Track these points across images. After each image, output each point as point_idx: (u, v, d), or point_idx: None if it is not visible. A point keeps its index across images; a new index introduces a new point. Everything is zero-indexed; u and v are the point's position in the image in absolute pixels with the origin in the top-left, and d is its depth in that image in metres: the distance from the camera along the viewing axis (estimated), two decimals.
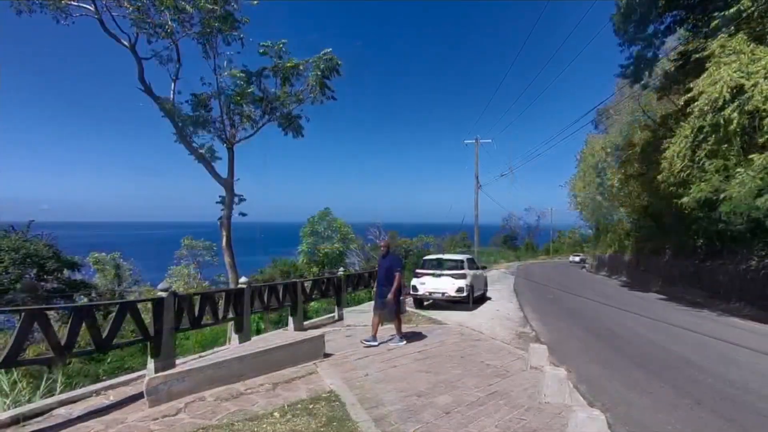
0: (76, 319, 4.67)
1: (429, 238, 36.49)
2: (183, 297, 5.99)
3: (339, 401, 4.68)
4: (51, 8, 8.01)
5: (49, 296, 14.94)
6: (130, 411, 4.46)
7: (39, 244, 15.15)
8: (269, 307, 8.45)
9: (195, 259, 26.28)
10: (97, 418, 4.29)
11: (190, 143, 9.86)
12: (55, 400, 4.80)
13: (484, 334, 9.09)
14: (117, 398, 4.90)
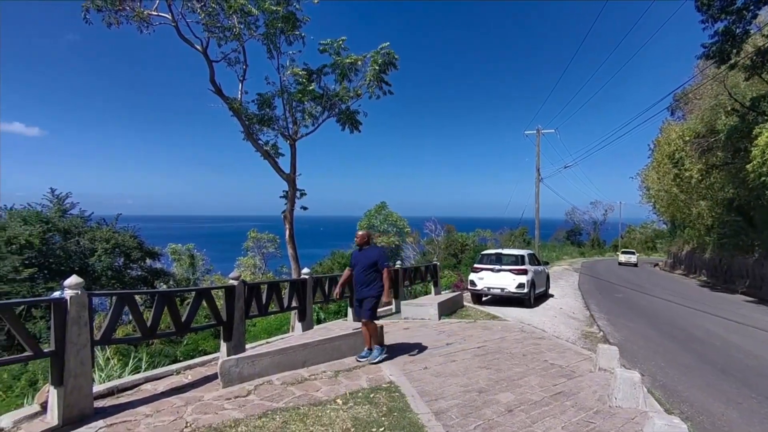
0: (159, 304, 5.09)
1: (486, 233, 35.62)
2: (252, 286, 6.33)
3: (399, 392, 4.73)
4: (135, 19, 8.74)
5: (134, 282, 16.49)
6: (206, 390, 4.80)
7: (125, 235, 16.70)
8: (330, 298, 8.71)
9: (260, 250, 27.72)
10: (178, 394, 4.67)
11: (256, 140, 10.35)
12: (142, 377, 5.28)
13: (546, 332, 8.75)
14: (194, 378, 5.30)
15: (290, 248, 10.78)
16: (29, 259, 13.98)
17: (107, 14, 8.74)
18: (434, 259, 15.45)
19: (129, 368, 6.59)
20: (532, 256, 13.48)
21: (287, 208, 10.70)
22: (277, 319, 11.21)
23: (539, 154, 26.96)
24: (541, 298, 13.34)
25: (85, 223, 16.51)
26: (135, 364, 6.77)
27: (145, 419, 3.95)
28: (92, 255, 15.43)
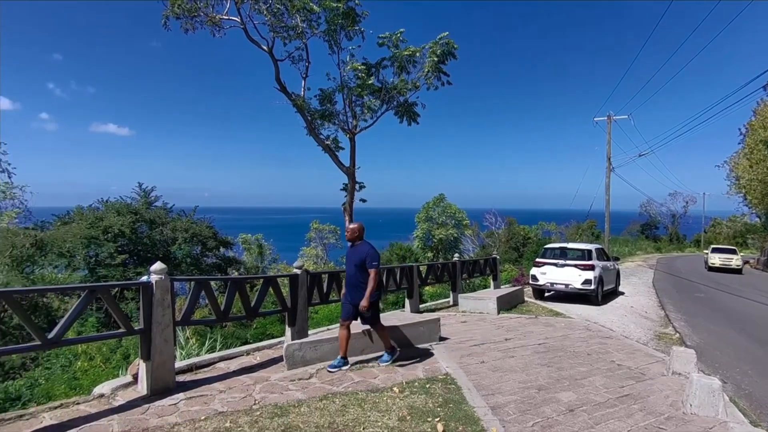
0: (232, 290, 5.51)
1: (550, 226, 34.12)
2: (314, 275, 6.63)
3: (455, 384, 4.75)
4: (208, 24, 9.39)
5: (209, 269, 17.85)
6: (272, 371, 5.14)
7: (202, 225, 18.07)
8: (387, 289, 8.87)
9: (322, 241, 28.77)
10: (247, 374, 5.05)
11: (318, 135, 10.74)
12: (216, 356, 5.76)
13: (614, 331, 8.29)
14: (262, 359, 5.69)
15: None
16: (121, 247, 15.62)
17: (184, 21, 9.45)
18: (494, 253, 15.12)
19: (205, 348, 7.20)
20: (601, 250, 12.75)
21: (347, 201, 11.01)
22: (337, 307, 11.60)
23: (610, 142, 25.19)
24: (609, 296, 12.60)
25: (168, 215, 18.07)
26: (210, 344, 7.38)
27: (219, 395, 4.33)
28: (173, 243, 16.90)
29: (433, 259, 23.75)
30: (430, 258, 23.96)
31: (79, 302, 4.11)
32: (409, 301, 9.19)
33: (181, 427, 3.57)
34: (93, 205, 17.23)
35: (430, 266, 10.78)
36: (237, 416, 3.80)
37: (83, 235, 14.89)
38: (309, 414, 3.87)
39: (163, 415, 3.84)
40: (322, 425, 3.63)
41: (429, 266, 10.77)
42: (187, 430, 3.53)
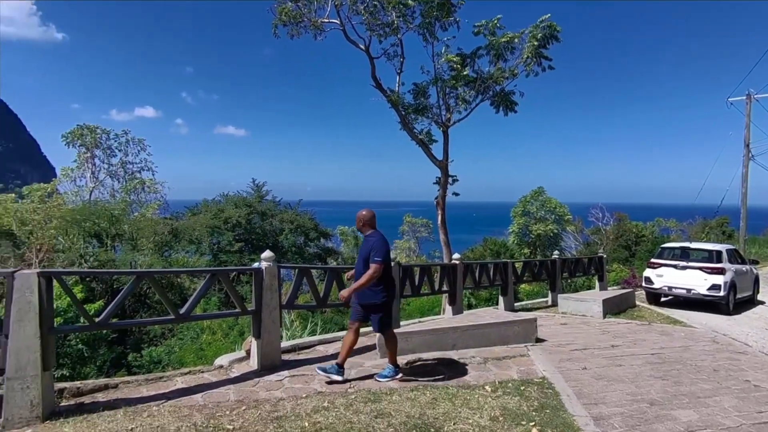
0: (330, 278, 5.87)
1: (670, 223, 30.24)
2: (406, 267, 6.77)
3: (552, 389, 4.51)
4: (311, 28, 10.00)
5: (311, 258, 19.18)
6: (366, 358, 5.37)
7: (305, 217, 19.48)
8: (480, 285, 8.70)
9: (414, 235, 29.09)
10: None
11: (412, 129, 10.83)
12: (317, 339, 6.20)
13: (750, 346, 7.12)
14: (357, 345, 5.95)
15: (442, 233, 11.05)
16: (238, 235, 17.51)
17: (290, 27, 10.15)
18: (600, 251, 13.88)
19: (307, 331, 7.78)
20: (733, 252, 11.00)
21: (440, 194, 10.96)
22: (428, 300, 11.68)
23: (749, 126, 21.36)
24: (744, 305, 10.81)
25: (276, 207, 19.79)
26: (312, 327, 7.95)
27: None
28: (281, 234, 18.46)
29: (529, 256, 22.58)
30: (526, 255, 22.82)
31: (204, 284, 4.72)
32: (503, 299, 8.90)
33: (285, 402, 3.92)
34: (216, 199, 19.58)
35: (527, 263, 10.31)
36: (334, 397, 4.06)
37: (208, 224, 17.00)
38: (400, 403, 3.98)
39: (271, 389, 4.25)
40: (413, 415, 3.72)
41: (525, 263, 10.31)
42: (290, 405, 3.87)
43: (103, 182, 25.27)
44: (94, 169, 25.34)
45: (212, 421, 3.48)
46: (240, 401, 3.93)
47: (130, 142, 26.28)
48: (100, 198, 22.83)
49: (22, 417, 3.35)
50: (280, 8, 9.70)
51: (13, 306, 3.41)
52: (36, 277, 3.48)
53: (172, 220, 17.95)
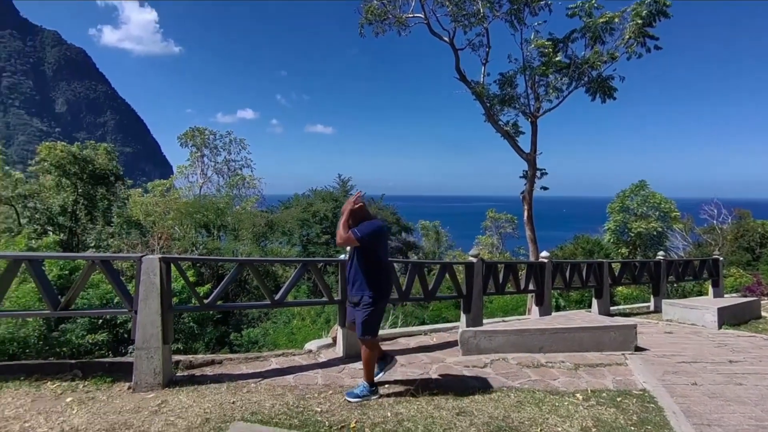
0: (411, 272, 5.92)
1: None
2: (490, 264, 6.58)
3: (655, 404, 4.09)
4: (395, 25, 10.11)
5: (393, 252, 19.56)
6: (447, 354, 5.34)
7: (388, 212, 19.94)
8: (570, 285, 8.16)
9: (498, 230, 28.14)
10: (424, 353, 5.38)
11: (497, 121, 10.45)
12: (398, 331, 6.31)
13: None
14: (438, 341, 5.97)
15: (528, 230, 10.55)
16: (325, 228, 18.43)
17: (375, 25, 10.35)
18: (715, 253, 12.21)
19: (389, 322, 7.97)
20: None
21: (526, 189, 10.46)
22: (513, 299, 11.26)
23: None
24: None
25: None
26: (393, 320, 8.12)
27: (400, 368, 4.74)
28: None
29: (628, 256, 20.60)
30: (624, 255, 20.84)
31: (295, 273, 5.05)
32: (597, 302, 8.26)
33: None
34: (305, 193, 20.80)
35: (625, 264, 9.44)
36: (416, 391, 4.10)
37: (298, 217, 18.16)
38: (483, 402, 3.90)
39: (355, 377, 4.42)
40: (496, 417, 3.62)
41: (624, 264, 9.45)
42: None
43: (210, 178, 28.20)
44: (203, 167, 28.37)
45: (302, 402, 3.72)
46: (327, 386, 4.15)
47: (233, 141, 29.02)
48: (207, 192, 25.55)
49: (147, 382, 3.89)
50: (366, 7, 9.93)
51: (141, 286, 3.96)
52: (158, 262, 4.00)
53: (267, 213, 19.50)
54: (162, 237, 13.69)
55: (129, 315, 4.25)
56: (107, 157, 16.97)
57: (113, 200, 16.44)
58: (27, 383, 3.91)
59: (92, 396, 3.71)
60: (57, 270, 7.08)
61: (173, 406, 3.56)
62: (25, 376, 4.02)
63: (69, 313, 4.34)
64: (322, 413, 3.53)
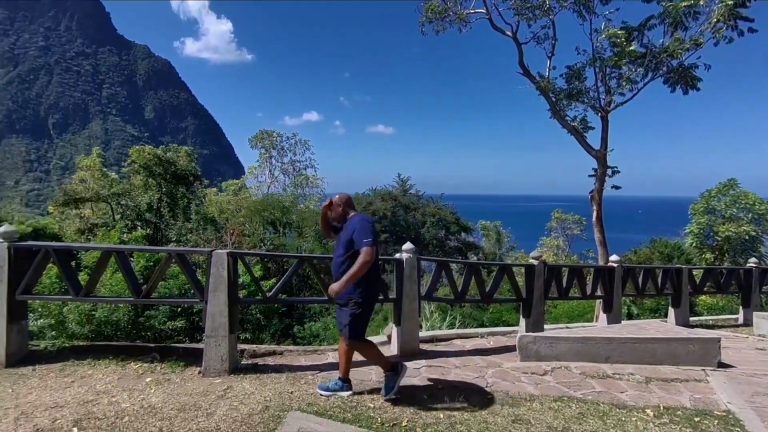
0: (469, 273, 5.82)
1: None
2: (552, 267, 6.29)
3: (741, 428, 3.69)
4: (456, 22, 9.97)
5: (452, 252, 19.31)
6: (505, 358, 5.19)
7: (446, 211, 19.71)
8: (644, 292, 7.56)
9: (564, 232, 26.69)
10: (481, 356, 5.26)
11: (563, 117, 9.93)
12: (454, 333, 6.23)
13: None
14: (495, 344, 5.81)
15: (597, 232, 9.91)
16: (384, 227, 18.65)
17: (436, 23, 10.28)
18: None
19: (445, 323, 7.89)
20: None
21: (595, 188, 9.84)
22: (578, 305, 10.65)
23: None
24: None
25: (419, 200, 20.47)
26: (450, 320, 8.03)
27: (454, 369, 4.69)
28: (423, 226, 19.03)
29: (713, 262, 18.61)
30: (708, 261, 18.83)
31: None
32: (675, 311, 7.59)
33: (422, 391, 4.06)
34: (365, 192, 21.18)
35: (709, 270, 8.58)
36: (469, 394, 4.03)
37: None
38: (541, 411, 3.75)
39: (409, 375, 4.43)
40: (555, 427, 3.47)
41: (707, 270, 8.59)
42: (426, 394, 3.98)
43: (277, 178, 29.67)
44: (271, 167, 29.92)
45: (356, 397, 3.81)
46: (380, 382, 4.21)
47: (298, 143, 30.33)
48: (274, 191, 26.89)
49: (215, 368, 4.20)
50: (427, 5, 9.89)
51: (211, 278, 4.28)
52: (226, 256, 4.30)
53: None
54: (234, 233, 14.66)
55: (201, 305, 4.61)
56: (187, 159, 18.44)
57: (192, 198, 17.84)
58: (115, 362, 4.38)
59: (168, 378, 4.08)
60: (143, 261, 7.84)
61: (237, 392, 3.80)
62: (114, 356, 4.51)
63: (149, 300, 4.79)
64: (375, 409, 3.59)
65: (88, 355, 4.53)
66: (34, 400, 3.48)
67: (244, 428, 3.15)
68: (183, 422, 3.19)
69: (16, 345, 4.33)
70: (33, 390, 3.69)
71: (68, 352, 4.60)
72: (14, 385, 3.78)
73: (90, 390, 3.72)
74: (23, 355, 4.40)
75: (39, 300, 4.78)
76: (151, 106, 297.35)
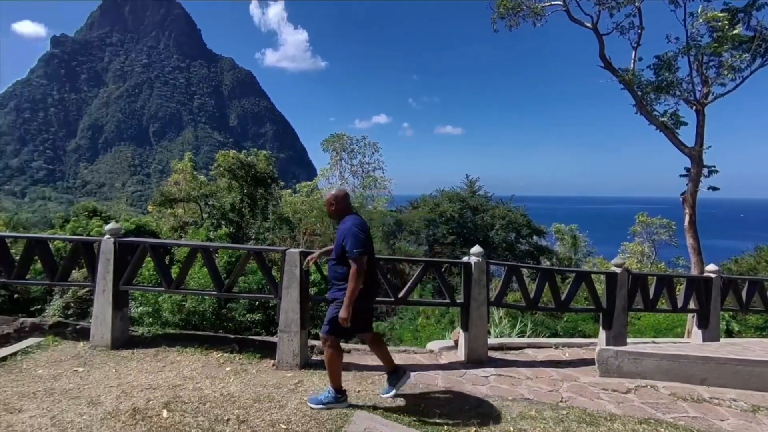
0: (542, 279, 5.52)
1: None
2: (637, 276, 5.77)
3: None
4: (530, 16, 9.55)
5: (523, 256, 18.51)
6: (582, 373, 4.85)
7: (517, 213, 18.93)
8: (748, 307, 6.67)
9: (650, 237, 24.31)
10: (554, 368, 4.97)
11: (651, 112, 9.07)
12: (525, 342, 5.95)
13: None
14: (571, 356, 5.46)
15: (690, 237, 8.91)
16: (451, 229, 18.38)
17: (508, 19, 9.92)
18: None
19: (516, 331, 7.57)
20: None
21: (688, 189, 8.87)
22: (667, 318, 9.65)
23: None
24: None
25: (488, 202, 19.89)
26: (521, 328, 7.69)
27: (526, 380, 4.47)
28: (491, 229, 18.46)
29: None
30: None
31: (418, 273, 5.14)
32: None
33: (491, 400, 3.92)
34: (432, 194, 21.02)
35: None
36: (542, 408, 3.82)
37: (425, 217, 18.45)
38: None
39: (476, 383, 4.32)
40: None
41: None
42: (495, 404, 3.84)
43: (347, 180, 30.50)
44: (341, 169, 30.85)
45: (422, 402, 3.78)
46: (447, 389, 4.14)
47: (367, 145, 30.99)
48: None
49: (288, 362, 4.40)
50: (500, 1, 9.59)
51: (284, 276, 4.49)
52: (298, 255, 4.49)
53: (396, 213, 20.25)
54: (306, 233, 15.33)
55: (275, 301, 4.85)
56: (266, 162, 19.61)
57: (269, 199, 18.93)
58: (200, 351, 4.76)
59: (245, 368, 4.35)
60: (226, 258, 8.51)
61: (307, 386, 3.95)
62: (199, 344, 4.91)
63: (230, 294, 5.15)
64: (441, 416, 3.54)
65: (178, 342, 4.97)
66: (132, 381, 3.90)
67: (313, 423, 3.26)
68: (258, 412, 3.38)
69: (120, 330, 4.87)
70: (132, 372, 4.13)
71: (161, 339, 5.08)
72: (117, 366, 4.26)
73: (178, 375, 4.08)
74: (125, 340, 4.94)
75: (138, 290, 5.34)
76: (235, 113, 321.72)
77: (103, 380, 3.88)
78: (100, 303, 4.74)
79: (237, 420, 3.23)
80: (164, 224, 17.52)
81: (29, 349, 4.58)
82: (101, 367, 4.21)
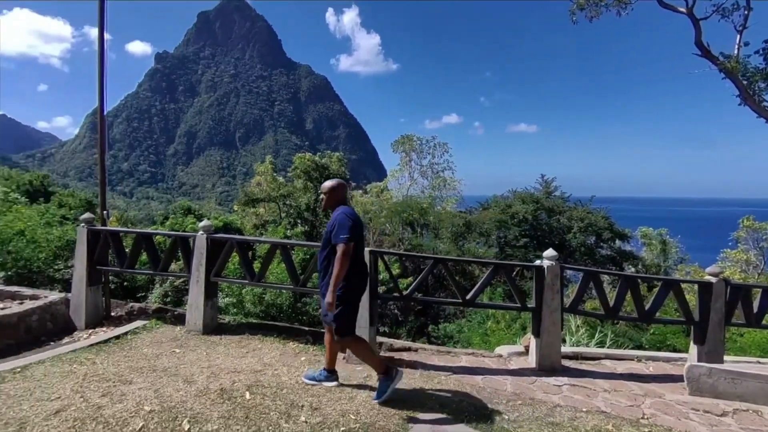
0: (623, 287, 5.16)
1: None
2: (737, 286, 5.17)
3: None
4: (614, 5, 8.94)
5: (603, 261, 17.25)
6: (668, 389, 4.46)
7: (598, 216, 17.68)
8: None
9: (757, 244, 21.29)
10: (636, 382, 4.62)
11: (759, 103, 8.04)
12: (603, 352, 5.60)
13: None
14: (655, 371, 5.04)
15: None
16: (524, 231, 17.66)
17: (589, 9, 9.38)
18: None
19: (594, 341, 7.13)
20: None
21: None
22: None
23: None
24: None
25: (565, 204, 18.82)
26: (600, 338, 7.23)
27: (602, 393, 4.23)
28: (568, 232, 17.43)
29: None
30: None
31: (487, 275, 5.07)
32: None
33: (563, 410, 3.77)
34: (504, 194, 20.36)
35: None
36: (620, 423, 3.60)
37: (496, 219, 17.93)
38: None
39: (548, 392, 4.17)
40: None
41: None
42: (567, 415, 3.69)
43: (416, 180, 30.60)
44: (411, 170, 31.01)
45: (489, 406, 3.74)
46: (516, 395, 4.05)
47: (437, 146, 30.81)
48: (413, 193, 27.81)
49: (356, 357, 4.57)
50: None
51: None
52: (368, 254, 4.65)
53: (465, 214, 19.92)
54: (376, 232, 15.67)
55: None
56: (339, 164, 20.36)
57: None
58: (278, 340, 5.12)
59: (318, 359, 4.60)
60: (302, 254, 9.04)
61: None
62: (277, 334, 5.28)
63: (305, 289, 5.45)
64: (509, 422, 3.48)
65: (258, 331, 5.38)
66: (220, 363, 4.31)
67: (381, 417, 3.37)
68: (329, 401, 3.57)
69: (210, 317, 5.39)
70: (220, 355, 4.56)
71: (244, 327, 5.54)
72: (207, 349, 4.73)
73: (259, 361, 4.44)
74: (214, 326, 5.46)
75: (225, 282, 5.86)
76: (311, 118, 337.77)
77: (196, 361, 4.34)
78: (194, 292, 5.29)
79: (310, 407, 3.45)
80: (247, 222, 18.90)
81: (137, 330, 5.24)
82: (195, 349, 4.70)
